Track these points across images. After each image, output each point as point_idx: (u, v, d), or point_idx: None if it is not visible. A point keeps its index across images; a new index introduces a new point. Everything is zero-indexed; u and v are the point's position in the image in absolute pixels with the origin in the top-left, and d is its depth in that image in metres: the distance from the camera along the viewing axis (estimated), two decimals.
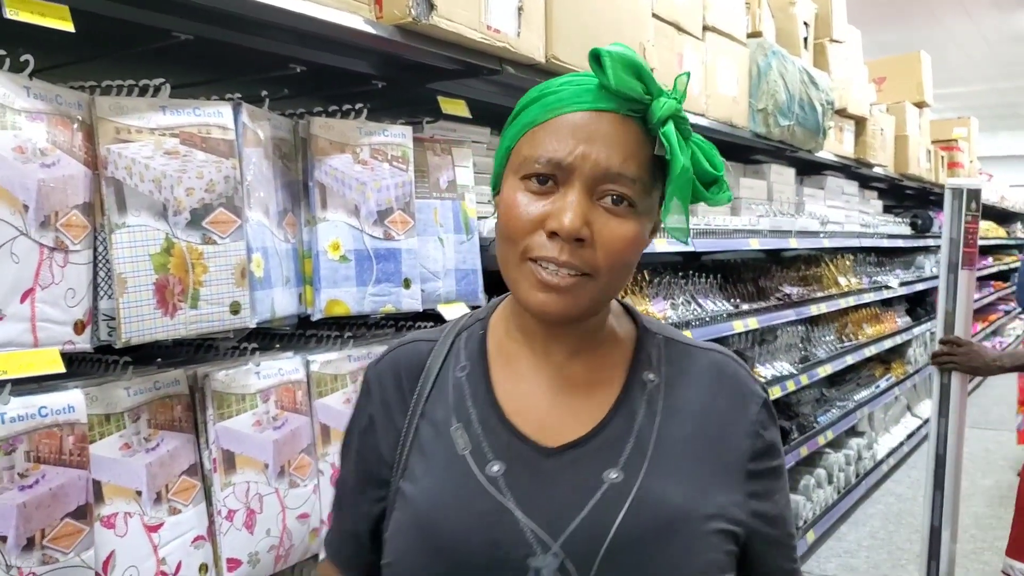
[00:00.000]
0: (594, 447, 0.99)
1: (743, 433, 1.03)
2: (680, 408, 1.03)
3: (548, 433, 1.00)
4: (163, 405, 1.59)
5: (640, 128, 0.97)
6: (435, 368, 1.08)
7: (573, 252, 0.94)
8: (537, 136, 0.97)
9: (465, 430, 1.02)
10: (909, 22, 9.49)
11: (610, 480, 0.96)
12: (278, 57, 1.90)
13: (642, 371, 1.05)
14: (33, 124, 1.35)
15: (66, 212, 1.39)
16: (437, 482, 1.00)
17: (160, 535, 1.54)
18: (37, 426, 1.34)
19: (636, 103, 0.96)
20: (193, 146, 1.57)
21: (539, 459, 0.98)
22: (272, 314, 1.74)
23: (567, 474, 0.97)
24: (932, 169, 6.95)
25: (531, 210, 0.95)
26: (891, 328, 6.17)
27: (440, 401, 1.06)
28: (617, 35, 2.59)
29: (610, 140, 0.95)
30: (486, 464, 0.99)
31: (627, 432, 1.00)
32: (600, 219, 0.95)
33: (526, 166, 0.97)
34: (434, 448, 1.02)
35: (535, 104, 0.99)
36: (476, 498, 0.97)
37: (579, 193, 0.94)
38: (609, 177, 0.94)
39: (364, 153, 1.93)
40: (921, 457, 6.49)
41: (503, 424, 1.01)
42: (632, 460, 0.98)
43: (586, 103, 0.96)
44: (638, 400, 1.02)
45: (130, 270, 1.47)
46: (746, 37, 3.71)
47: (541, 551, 0.93)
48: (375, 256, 1.94)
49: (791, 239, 4.17)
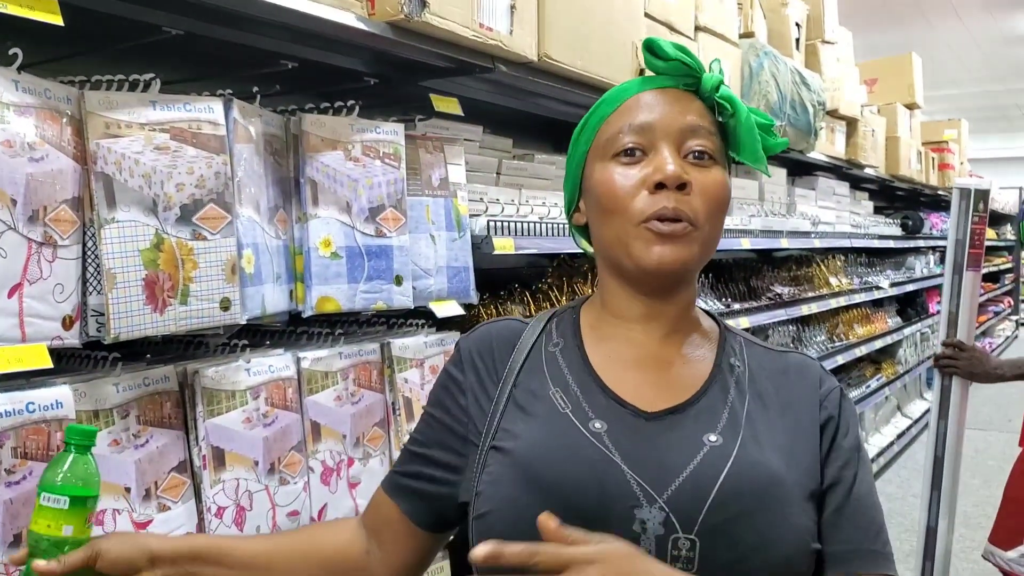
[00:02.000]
0: (692, 414, 1.04)
1: (818, 408, 1.09)
2: (764, 392, 1.09)
3: (646, 400, 1.05)
4: (152, 401, 1.58)
5: (697, 99, 1.09)
6: (528, 343, 1.14)
7: (679, 199, 1.02)
8: (613, 121, 1.08)
9: (563, 393, 1.06)
10: (900, 24, 9.52)
11: (710, 443, 1.01)
12: (270, 53, 1.89)
13: (728, 357, 1.12)
14: (22, 118, 1.34)
15: (55, 207, 1.38)
16: (541, 434, 1.03)
17: (149, 532, 1.53)
18: (24, 422, 1.33)
19: (688, 77, 1.09)
20: (183, 142, 1.56)
21: (639, 421, 1.03)
22: (263, 311, 1.74)
23: (668, 436, 1.02)
24: (923, 171, 6.98)
25: (630, 177, 1.04)
26: (881, 328, 6.19)
27: (534, 372, 1.11)
28: (610, 34, 2.59)
29: (681, 104, 1.08)
30: (588, 421, 1.03)
31: (722, 404, 1.05)
32: (692, 171, 1.04)
33: (612, 145, 1.07)
34: (533, 409, 1.06)
35: (600, 107, 1.11)
36: (582, 447, 1.00)
37: (669, 149, 1.04)
38: (691, 131, 1.05)
39: (356, 150, 1.93)
40: (911, 457, 6.52)
41: (601, 389, 1.06)
42: (729, 427, 1.03)
43: (648, 85, 1.10)
44: (728, 379, 1.08)
45: (119, 265, 1.46)
46: (738, 37, 3.72)
47: (647, 503, 0.96)
48: (366, 253, 1.93)
49: (782, 239, 4.18)
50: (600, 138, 1.09)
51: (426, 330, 2.21)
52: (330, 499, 1.86)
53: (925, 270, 7.80)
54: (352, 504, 1.91)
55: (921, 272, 7.58)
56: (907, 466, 6.29)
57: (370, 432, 1.97)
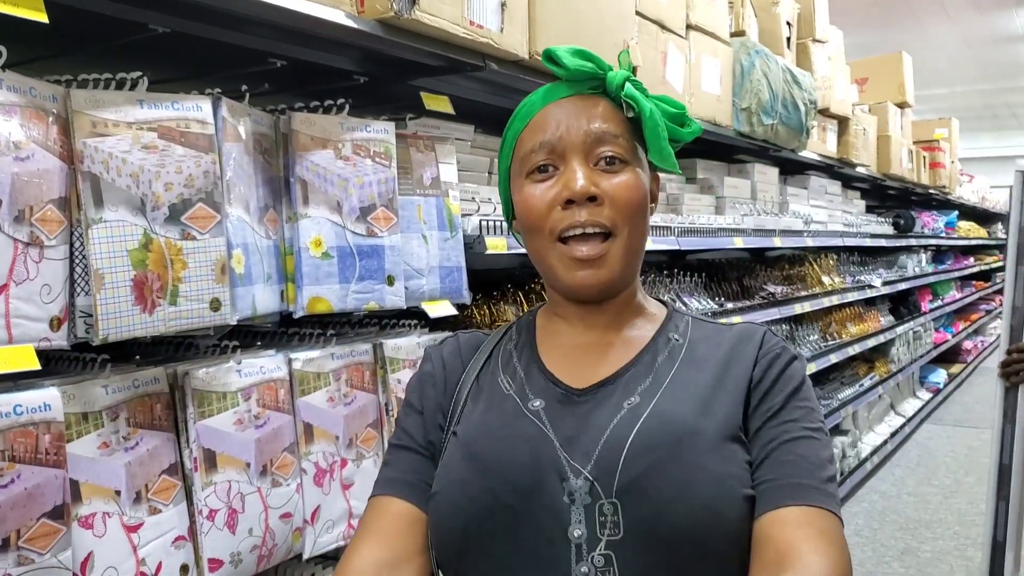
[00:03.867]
0: (620, 384, 1.09)
1: (754, 364, 1.10)
2: (699, 359, 1.12)
3: (580, 378, 1.11)
4: (142, 403, 1.56)
5: (605, 100, 1.13)
6: (490, 345, 1.23)
7: (591, 211, 1.07)
8: (525, 139, 1.13)
9: (511, 378, 1.15)
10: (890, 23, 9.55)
11: (628, 405, 1.06)
12: (258, 52, 1.88)
13: (668, 332, 1.16)
14: (7, 117, 1.33)
15: (41, 207, 1.37)
16: (485, 415, 1.12)
17: (140, 535, 1.52)
18: (12, 425, 1.31)
19: (593, 80, 1.12)
20: (172, 140, 1.54)
21: (571, 399, 1.09)
22: (253, 311, 1.72)
23: (594, 408, 1.07)
24: (914, 169, 6.99)
25: (543, 194, 1.10)
26: (874, 327, 6.19)
27: (492, 366, 1.20)
28: (600, 32, 2.58)
29: (585, 112, 1.11)
30: (527, 400, 1.10)
31: (647, 373, 1.10)
32: (603, 179, 1.08)
33: (526, 163, 1.12)
34: (483, 395, 1.15)
35: (515, 121, 1.16)
36: (521, 424, 1.07)
37: (578, 162, 1.09)
38: (597, 138, 1.09)
39: (346, 149, 1.92)
40: (904, 455, 6.53)
41: (542, 372, 1.14)
42: (650, 389, 1.08)
43: (553, 96, 1.13)
44: (661, 350, 1.13)
45: (107, 266, 1.44)
46: (730, 36, 3.72)
47: (574, 475, 1.01)
48: (358, 253, 1.92)
49: (775, 238, 4.18)
50: (517, 156, 1.14)
51: (419, 330, 2.20)
52: (323, 501, 1.85)
53: (917, 269, 7.82)
54: (345, 506, 1.89)
55: (913, 271, 7.60)
56: (901, 464, 6.29)
57: (363, 433, 1.96)
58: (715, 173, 4.10)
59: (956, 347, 9.94)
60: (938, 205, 9.22)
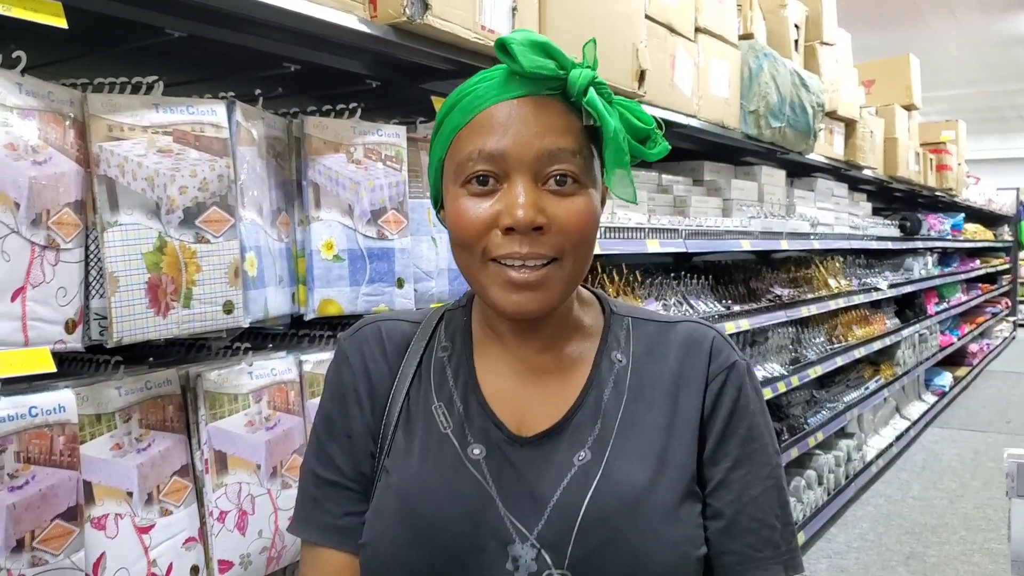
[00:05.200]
0: (565, 435, 1.00)
1: (704, 391, 1.02)
2: (648, 384, 1.03)
3: (523, 421, 1.01)
4: (155, 405, 1.57)
5: (563, 104, 0.96)
6: (419, 349, 1.08)
7: (534, 242, 0.93)
8: (464, 139, 0.96)
9: (447, 409, 1.03)
10: (898, 26, 9.53)
11: (578, 462, 0.97)
12: (272, 56, 1.89)
13: (610, 353, 1.05)
14: (25, 121, 1.34)
15: (58, 210, 1.38)
16: (420, 461, 1.00)
17: (151, 536, 1.53)
18: (27, 426, 1.33)
19: (552, 80, 0.95)
20: (186, 144, 1.55)
21: (514, 449, 0.99)
22: (265, 314, 1.73)
23: (540, 464, 0.98)
24: (921, 172, 6.99)
25: (480, 212, 0.95)
26: (880, 330, 6.19)
27: (423, 381, 1.06)
28: (611, 36, 2.59)
29: (538, 121, 0.94)
30: (468, 446, 0.99)
31: (595, 415, 1.01)
32: (551, 203, 0.94)
33: (462, 170, 0.96)
34: (417, 426, 1.03)
35: (454, 110, 0.99)
36: (460, 479, 0.97)
37: (524, 182, 0.93)
38: (549, 157, 0.94)
39: (358, 153, 1.92)
40: (910, 459, 6.52)
41: (482, 407, 1.02)
42: (599, 440, 0.99)
43: (503, 93, 0.96)
44: (606, 381, 1.03)
45: (122, 269, 1.45)
46: (738, 39, 3.72)
47: (519, 540, 0.94)
48: (368, 256, 1.93)
49: (782, 241, 4.18)
50: (452, 155, 0.98)
51: None
52: None
53: (923, 271, 7.81)
54: None
55: (919, 273, 7.59)
56: (906, 468, 6.29)
57: None
58: (722, 175, 4.10)
59: (962, 350, 9.94)
60: (945, 207, 9.21)
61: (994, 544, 4.71)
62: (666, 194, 3.57)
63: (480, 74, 1.00)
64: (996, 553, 4.57)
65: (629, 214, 2.99)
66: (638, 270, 3.45)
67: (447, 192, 1.00)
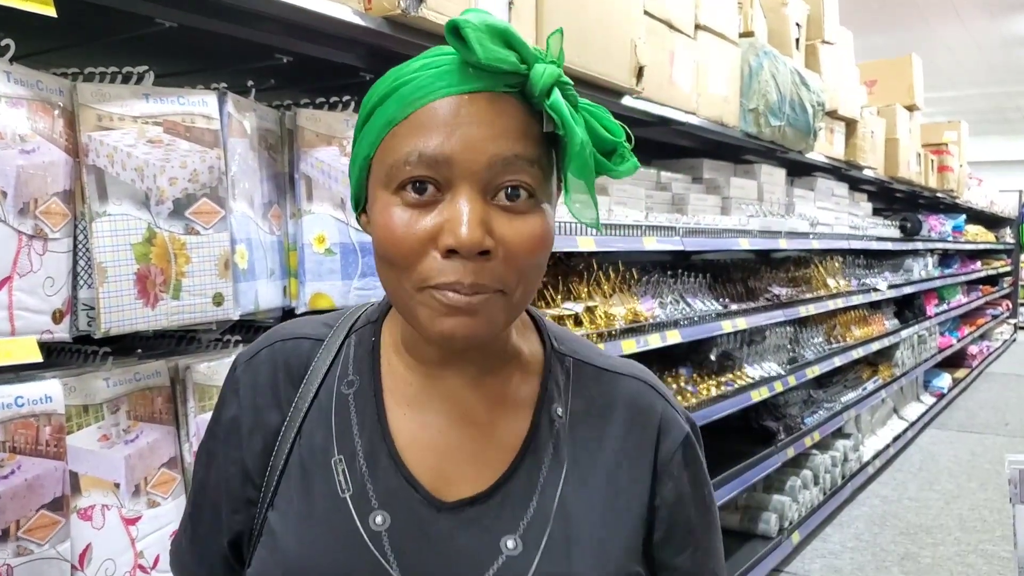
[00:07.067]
0: (494, 505, 0.86)
1: (654, 476, 0.91)
2: (586, 453, 0.91)
3: (444, 481, 0.87)
4: (143, 397, 1.57)
5: (522, 105, 0.81)
6: (318, 377, 0.92)
7: (479, 270, 0.78)
8: (400, 136, 0.80)
9: (347, 466, 0.87)
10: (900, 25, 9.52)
11: (507, 552, 0.84)
12: (265, 47, 1.88)
13: (550, 405, 0.92)
14: (13, 109, 1.33)
15: (46, 199, 1.37)
16: (311, 528, 0.86)
17: (138, 528, 1.53)
18: (13, 416, 1.32)
19: (511, 76, 0.79)
20: (177, 135, 1.55)
21: (431, 515, 0.85)
22: (256, 306, 1.73)
23: (461, 539, 0.84)
24: (922, 173, 6.97)
25: (415, 228, 0.78)
26: (879, 331, 6.18)
27: (321, 421, 0.90)
28: (608, 31, 2.58)
29: (491, 123, 0.79)
30: (369, 513, 0.85)
31: (531, 490, 0.87)
32: (501, 222, 0.79)
33: (396, 174, 0.79)
34: (310, 481, 0.88)
35: (391, 99, 0.82)
36: (354, 557, 0.83)
37: (471, 194, 0.78)
38: (503, 165, 0.78)
39: (351, 146, 1.91)
40: (907, 460, 6.52)
41: (393, 464, 0.87)
42: (533, 526, 0.86)
43: (452, 86, 0.79)
44: (544, 445, 0.90)
45: (111, 259, 1.45)
46: (738, 37, 3.71)
47: None
48: (361, 250, 1.92)
49: (781, 240, 4.17)
50: (384, 153, 0.81)
51: None
52: None
53: (923, 272, 7.80)
54: None
55: (919, 274, 7.58)
56: (903, 469, 6.28)
57: None
58: (721, 173, 4.10)
59: (961, 352, 9.92)
60: (946, 208, 9.20)
61: (989, 546, 4.71)
62: (664, 192, 3.57)
63: (423, 57, 0.83)
64: (991, 555, 4.57)
65: (627, 211, 2.99)
66: (635, 268, 3.44)
67: (375, 197, 0.83)
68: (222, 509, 0.93)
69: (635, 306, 3.10)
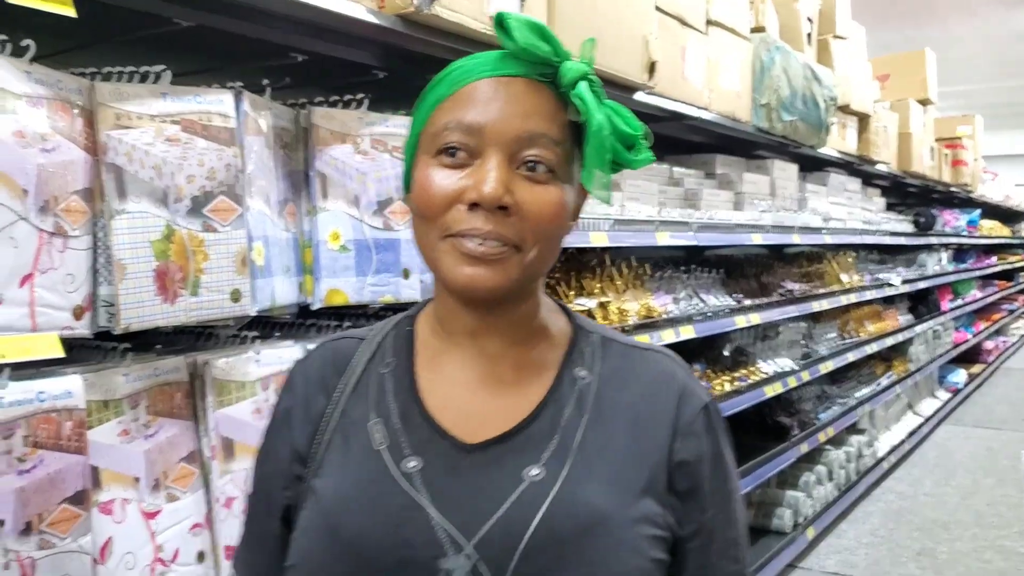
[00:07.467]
0: (518, 443, 0.94)
1: (673, 436, 0.96)
2: (611, 408, 0.97)
3: (470, 428, 0.95)
4: (162, 392, 1.59)
5: (553, 93, 0.94)
6: (360, 365, 1.03)
7: (498, 222, 0.89)
8: (445, 109, 0.93)
9: (384, 425, 0.97)
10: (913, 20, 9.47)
11: (530, 477, 0.91)
12: (279, 46, 1.90)
13: (574, 368, 1.00)
14: (33, 109, 1.35)
15: (66, 197, 1.39)
16: (348, 477, 0.95)
17: (158, 522, 1.54)
18: (35, 411, 1.34)
19: (545, 66, 0.93)
20: (194, 133, 1.57)
21: (459, 455, 0.93)
22: (272, 302, 1.74)
23: (487, 471, 0.92)
24: (936, 167, 6.94)
25: (446, 184, 0.91)
26: (893, 326, 6.17)
27: (361, 397, 1.00)
28: (620, 27, 2.59)
29: (523, 102, 0.92)
30: (402, 459, 0.93)
31: (552, 429, 0.95)
32: (521, 187, 0.90)
33: (437, 140, 0.92)
34: (350, 444, 0.97)
35: (442, 82, 0.96)
36: (387, 494, 0.92)
37: (497, 159, 0.90)
38: (527, 139, 0.91)
39: (365, 143, 1.93)
40: (922, 456, 6.49)
41: (423, 418, 0.96)
42: (555, 457, 0.93)
43: (493, 70, 0.93)
44: (567, 397, 0.97)
45: (130, 256, 1.46)
46: (750, 32, 3.71)
47: (453, 552, 0.87)
48: (375, 246, 1.94)
49: (794, 235, 4.17)
50: (430, 125, 0.94)
51: None
52: None
53: (938, 267, 7.77)
54: None
55: (933, 269, 7.55)
56: (918, 464, 6.26)
57: None
58: (734, 169, 4.09)
59: (977, 347, 9.87)
60: (960, 203, 9.15)
61: (1006, 541, 4.69)
62: (677, 187, 3.57)
63: (474, 55, 0.97)
64: (1009, 551, 4.55)
65: (640, 207, 2.99)
66: (648, 263, 3.44)
67: (417, 164, 0.95)
68: (273, 495, 1.02)
69: (648, 302, 3.10)
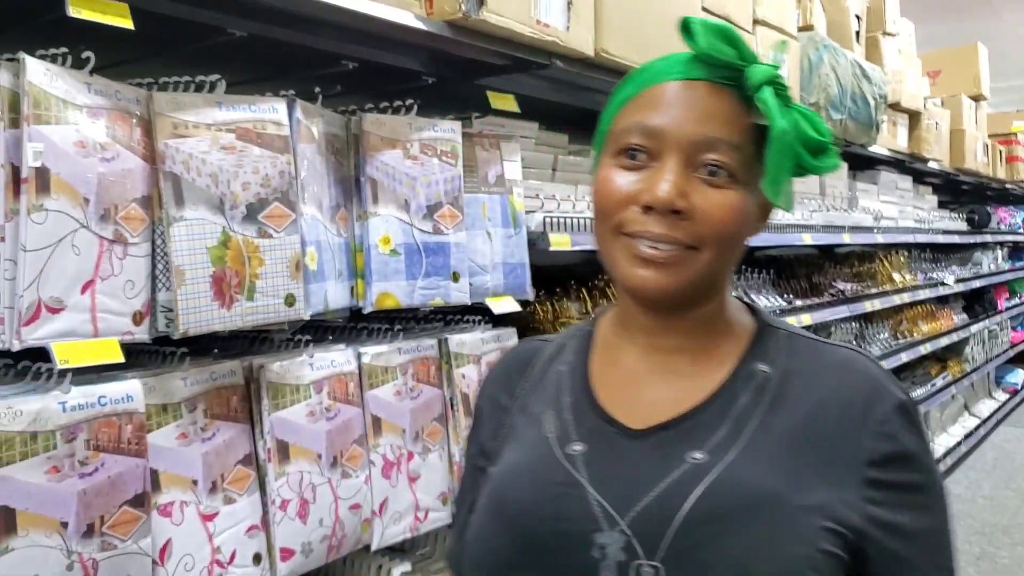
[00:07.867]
0: (684, 429, 0.93)
1: (865, 433, 0.90)
2: (794, 399, 0.93)
3: (638, 416, 0.96)
4: (219, 395, 1.61)
5: (737, 97, 0.93)
6: (540, 363, 1.08)
7: (672, 225, 0.90)
8: (629, 110, 0.96)
9: (556, 416, 1.00)
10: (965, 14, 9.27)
11: (692, 460, 0.90)
12: (330, 54, 1.92)
13: (754, 362, 0.97)
14: (93, 119, 1.38)
15: (125, 205, 1.42)
16: (517, 460, 1.00)
17: (215, 524, 1.57)
18: (97, 415, 1.37)
19: (730, 70, 0.93)
20: (249, 141, 1.59)
21: (623, 440, 0.94)
22: (325, 306, 1.76)
23: (648, 455, 0.92)
24: (989, 164, 6.79)
25: (623, 185, 0.93)
26: (947, 326, 6.04)
27: (540, 393, 1.05)
28: (667, 28, 2.57)
29: (705, 107, 0.92)
30: (568, 444, 0.96)
31: (722, 417, 0.93)
32: (699, 191, 0.90)
33: (619, 141, 0.95)
34: (524, 433, 1.02)
35: (628, 83, 0.98)
36: (549, 472, 0.94)
37: (675, 163, 0.91)
38: (706, 144, 0.91)
39: (414, 148, 1.95)
40: (980, 458, 6.35)
41: (593, 409, 0.99)
42: (722, 444, 0.90)
43: (678, 73, 0.94)
44: (743, 388, 0.95)
45: (188, 262, 1.49)
46: (797, 30, 3.66)
47: (608, 527, 0.88)
48: (424, 250, 1.95)
49: (844, 234, 4.10)
50: (615, 125, 0.97)
51: (482, 326, 2.22)
52: (391, 493, 1.88)
53: (992, 266, 7.59)
54: (412, 499, 1.93)
55: (988, 268, 7.38)
56: (975, 467, 6.12)
57: (429, 427, 1.99)
58: None
59: None
60: (1015, 200, 8.93)
61: None
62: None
63: (664, 56, 0.98)
64: None
65: None
66: None
67: (601, 162, 0.98)
68: (469, 489, 1.08)
69: None
